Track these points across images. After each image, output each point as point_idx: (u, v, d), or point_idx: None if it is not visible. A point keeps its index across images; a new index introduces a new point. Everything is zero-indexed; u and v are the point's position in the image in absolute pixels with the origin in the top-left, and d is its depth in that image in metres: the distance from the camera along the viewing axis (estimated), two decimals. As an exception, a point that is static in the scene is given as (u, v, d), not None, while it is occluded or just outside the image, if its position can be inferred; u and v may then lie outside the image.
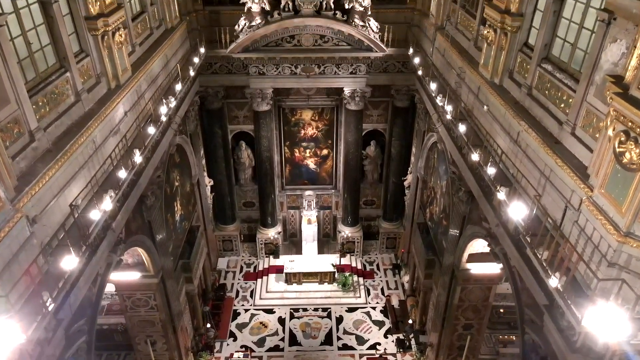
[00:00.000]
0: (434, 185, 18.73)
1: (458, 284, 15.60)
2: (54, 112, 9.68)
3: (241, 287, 23.45)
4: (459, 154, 14.41)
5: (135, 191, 12.75)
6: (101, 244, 10.65)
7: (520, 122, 10.48)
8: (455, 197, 14.96)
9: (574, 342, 8.22)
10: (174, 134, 16.54)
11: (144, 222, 14.21)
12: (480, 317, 16.56)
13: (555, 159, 9.03)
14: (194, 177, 20.24)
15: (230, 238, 24.89)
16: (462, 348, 17.10)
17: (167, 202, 16.50)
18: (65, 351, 8.88)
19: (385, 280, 23.92)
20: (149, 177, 13.86)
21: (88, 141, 10.22)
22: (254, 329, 21.16)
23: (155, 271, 15.00)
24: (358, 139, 22.01)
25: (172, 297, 16.48)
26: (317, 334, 20.92)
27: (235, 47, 18.94)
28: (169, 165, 16.65)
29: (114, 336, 20.13)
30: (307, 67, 20.00)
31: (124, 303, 15.71)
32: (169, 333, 16.63)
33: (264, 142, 21.89)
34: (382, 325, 21.39)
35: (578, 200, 8.38)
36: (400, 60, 20.24)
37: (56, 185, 8.97)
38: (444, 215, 17.32)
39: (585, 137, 8.73)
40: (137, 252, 14.46)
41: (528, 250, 8.99)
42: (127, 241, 12.57)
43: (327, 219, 25.71)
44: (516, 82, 11.53)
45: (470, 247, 14.77)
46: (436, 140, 17.49)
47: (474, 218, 14.03)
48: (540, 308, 9.48)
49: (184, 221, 18.91)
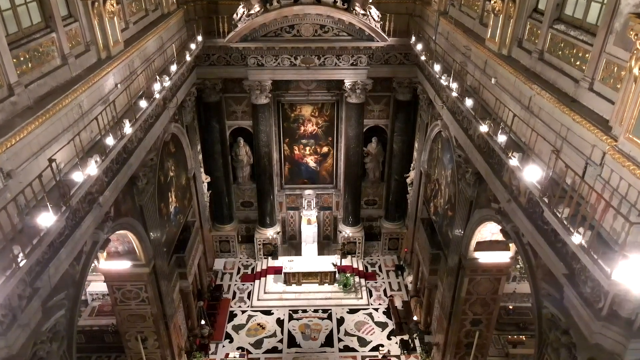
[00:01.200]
0: (438, 176, 18.07)
1: (465, 275, 14.82)
2: (37, 70, 9.11)
3: (238, 289, 22.57)
4: (465, 136, 13.83)
5: (126, 169, 12.14)
6: (86, 216, 10.00)
7: (532, 86, 9.91)
8: (462, 181, 14.31)
9: (599, 310, 7.47)
10: (169, 120, 15.99)
11: (135, 206, 13.53)
12: (489, 312, 15.72)
13: (573, 116, 8.42)
14: (190, 170, 19.60)
15: (227, 238, 24.10)
16: (470, 346, 16.20)
17: (160, 190, 15.84)
18: (42, 323, 8.10)
19: (387, 282, 23.05)
20: (141, 158, 13.26)
21: (74, 104, 9.63)
22: (251, 331, 20.23)
23: (147, 260, 14.25)
24: (359, 133, 21.44)
25: (165, 291, 15.68)
26: (317, 336, 19.99)
27: (234, 36, 18.52)
28: (163, 153, 16.04)
29: (104, 337, 19.24)
30: (306, 58, 19.55)
31: (114, 295, 14.90)
32: (160, 329, 15.77)
33: (263, 136, 21.32)
34: (385, 326, 20.47)
35: (600, 154, 7.75)
36: (402, 52, 19.81)
37: (36, 143, 8.34)
38: (450, 205, 16.63)
39: (604, 90, 8.15)
40: (128, 239, 13.75)
41: (546, 213, 8.29)
42: (116, 221, 11.87)
43: (327, 220, 24.96)
44: (525, 50, 11.01)
45: (478, 235, 14.07)
46: (440, 128, 16.91)
47: (481, 202, 13.37)
48: (558, 283, 8.77)
49: (178, 214, 18.20)
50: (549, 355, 9.13)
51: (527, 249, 10.59)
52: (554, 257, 8.79)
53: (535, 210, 9.72)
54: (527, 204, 10.10)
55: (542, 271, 9.94)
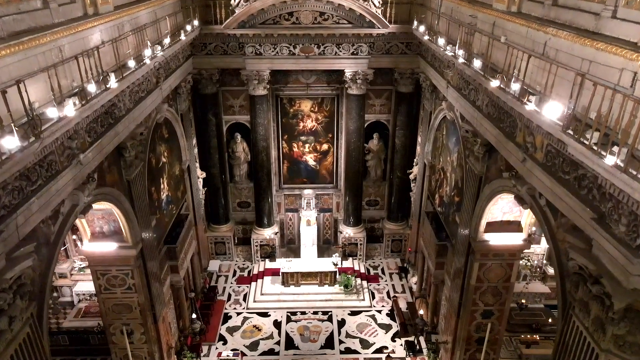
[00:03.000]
0: (444, 164, 17.26)
1: (475, 260, 13.83)
2: (14, 6, 8.42)
3: (234, 291, 21.42)
4: (472, 109, 13.12)
5: (112, 135, 11.38)
6: (63, 171, 9.17)
7: (547, 29, 9.23)
8: (470, 158, 13.50)
9: (636, 249, 6.56)
10: (162, 101, 15.31)
11: (122, 181, 12.70)
12: (501, 302, 14.62)
13: (596, 45, 7.69)
14: (184, 162, 18.79)
15: (223, 240, 23.07)
16: (481, 342, 15.03)
17: (151, 173, 15.02)
18: (4, 271, 7.16)
19: (391, 284, 21.91)
20: (130, 130, 12.51)
21: (53, 46, 8.91)
22: (246, 333, 19.00)
23: (134, 241, 13.29)
24: (360, 127, 20.74)
25: (153, 278, 14.64)
26: (317, 338, 18.76)
27: (231, 21, 18.06)
28: (155, 135, 15.32)
29: (90, 339, 18.03)
30: (306, 47, 19.05)
31: (98, 282, 13.84)
32: (148, 321, 14.63)
33: (260, 129, 20.61)
34: (389, 328, 19.25)
35: (629, 77, 6.99)
36: (404, 41, 19.30)
37: (5, 72, 7.58)
38: (456, 191, 15.77)
39: (630, 13, 7.46)
40: (114, 217, 12.85)
41: (570, 147, 7.45)
42: (99, 188, 11.01)
43: (327, 222, 23.98)
44: (537, 1, 10.38)
45: (489, 214, 13.18)
46: (445, 110, 16.21)
47: (491, 175, 12.54)
48: (583, 235, 7.87)
49: (171, 204, 17.29)
50: (578, 316, 8.11)
51: (545, 210, 9.71)
52: (579, 206, 7.91)
53: (555, 162, 8.90)
54: (545, 157, 9.29)
55: (563, 230, 9.04)
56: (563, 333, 8.73)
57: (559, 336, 8.95)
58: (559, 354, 8.97)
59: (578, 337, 8.28)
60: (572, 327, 8.42)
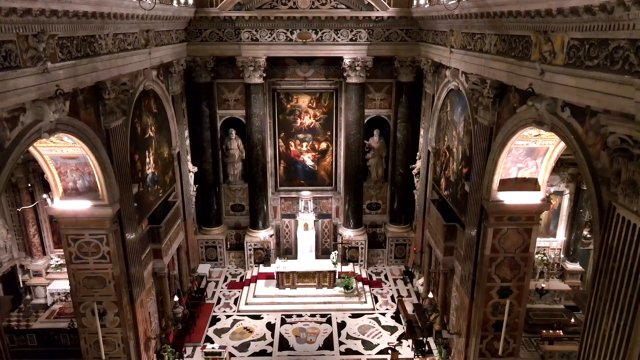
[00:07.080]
0: (449, 142, 16.21)
1: (489, 225, 12.44)
2: None
3: (224, 295, 19.64)
4: (479, 57, 12.36)
5: (89, 66, 10.55)
6: (25, 68, 8.17)
7: None
8: (480, 111, 12.48)
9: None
10: (150, 66, 14.52)
11: (100, 126, 11.61)
12: (520, 277, 13.04)
13: None
14: (174, 147, 17.76)
15: (214, 244, 21.55)
16: (499, 326, 13.29)
17: (136, 141, 13.99)
18: None
19: (395, 289, 20.16)
20: (111, 72, 11.61)
21: None
22: (236, 334, 17.13)
23: (110, 199, 11.99)
24: (360, 118, 19.89)
25: (132, 252, 13.17)
26: (314, 339, 16.86)
27: (227, 2, 17.69)
28: (142, 103, 14.46)
29: (61, 339, 16.18)
30: (303, 32, 18.58)
31: (68, 249, 12.38)
32: (123, 300, 12.98)
33: (256, 121, 19.75)
34: (395, 330, 17.38)
35: None
36: (403, 28, 18.83)
37: None
38: (464, 162, 14.63)
39: None
40: (89, 170, 11.66)
41: None
42: (72, 116, 9.93)
43: (326, 229, 22.55)
44: None
45: (502, 169, 11.99)
46: (449, 80, 15.40)
47: (503, 119, 11.46)
48: (620, 117, 6.73)
49: (157, 184, 16.07)
50: (623, 203, 6.75)
51: (570, 121, 8.59)
52: (617, 79, 6.83)
53: (579, 54, 7.93)
54: (567, 56, 8.31)
55: (593, 133, 7.89)
56: (604, 241, 7.32)
57: (599, 244, 7.53)
58: (599, 272, 7.50)
59: (623, 240, 6.89)
60: (617, 225, 6.99)
